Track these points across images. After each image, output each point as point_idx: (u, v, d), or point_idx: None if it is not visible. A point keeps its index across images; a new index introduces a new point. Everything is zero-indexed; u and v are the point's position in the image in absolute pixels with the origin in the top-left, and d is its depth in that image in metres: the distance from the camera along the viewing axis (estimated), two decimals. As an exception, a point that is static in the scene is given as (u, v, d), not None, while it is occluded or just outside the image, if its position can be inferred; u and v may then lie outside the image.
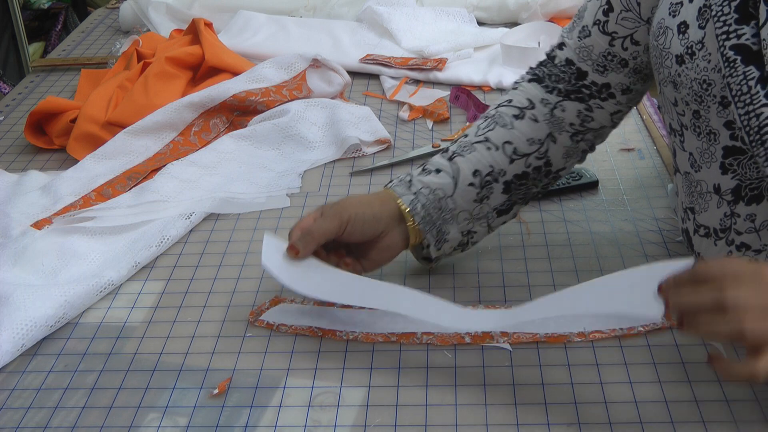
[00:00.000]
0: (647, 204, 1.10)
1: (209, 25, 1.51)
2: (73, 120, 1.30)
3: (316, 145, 1.27)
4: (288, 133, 1.27)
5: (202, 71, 1.44)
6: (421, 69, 1.50)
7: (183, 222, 1.08)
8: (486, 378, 0.82)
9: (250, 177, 1.19)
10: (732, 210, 0.84)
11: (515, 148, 0.93)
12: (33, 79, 1.61)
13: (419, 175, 0.94)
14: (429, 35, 1.64)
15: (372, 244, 0.91)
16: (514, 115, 0.94)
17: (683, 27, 0.83)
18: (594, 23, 0.93)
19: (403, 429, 0.77)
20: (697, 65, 0.81)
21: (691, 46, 0.81)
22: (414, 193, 0.92)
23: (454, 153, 0.94)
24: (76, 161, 1.25)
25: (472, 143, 0.94)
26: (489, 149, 0.93)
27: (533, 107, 0.95)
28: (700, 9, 0.81)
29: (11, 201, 1.14)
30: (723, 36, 0.79)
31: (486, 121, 0.95)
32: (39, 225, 1.08)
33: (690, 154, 0.86)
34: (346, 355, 0.86)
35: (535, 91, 0.96)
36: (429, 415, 0.78)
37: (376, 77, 1.52)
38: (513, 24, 1.69)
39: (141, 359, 0.87)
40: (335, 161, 1.24)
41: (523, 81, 0.99)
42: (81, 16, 3.15)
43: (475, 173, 0.92)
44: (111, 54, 1.69)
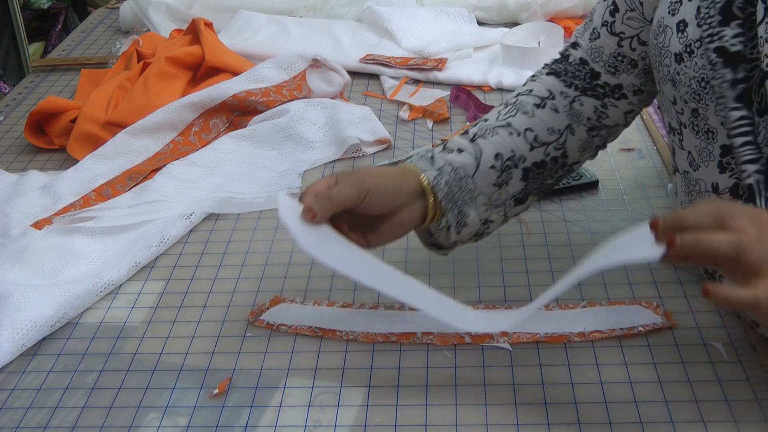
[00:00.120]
0: (647, 204, 1.10)
1: (209, 25, 1.51)
2: (73, 120, 1.30)
3: (316, 145, 1.27)
4: (288, 133, 1.27)
5: (202, 71, 1.44)
6: (421, 69, 1.50)
7: (183, 222, 1.08)
8: (486, 378, 0.82)
9: (250, 177, 1.19)
10: None
11: (536, 135, 0.92)
12: (33, 79, 1.61)
13: (441, 153, 0.91)
14: (429, 35, 1.64)
15: (385, 218, 0.85)
16: (535, 104, 0.94)
17: (682, 25, 0.83)
18: (602, 24, 0.94)
19: (403, 429, 0.77)
20: (696, 63, 0.81)
21: (690, 44, 0.82)
22: (437, 170, 0.88)
23: (475, 135, 0.92)
24: (76, 161, 1.25)
25: (493, 127, 0.93)
26: (511, 134, 0.92)
27: (554, 98, 0.95)
28: (698, 8, 0.81)
29: (11, 201, 1.14)
30: (707, 39, 0.80)
31: (507, 108, 0.95)
32: (39, 225, 1.08)
33: (689, 153, 0.87)
34: (346, 355, 0.86)
35: (555, 84, 0.96)
36: (429, 415, 0.78)
37: (376, 77, 1.52)
38: (513, 24, 1.69)
39: (141, 359, 0.87)
40: (335, 161, 1.24)
41: (541, 74, 0.99)
42: (81, 16, 3.16)
43: (497, 156, 0.91)
44: (111, 54, 1.69)
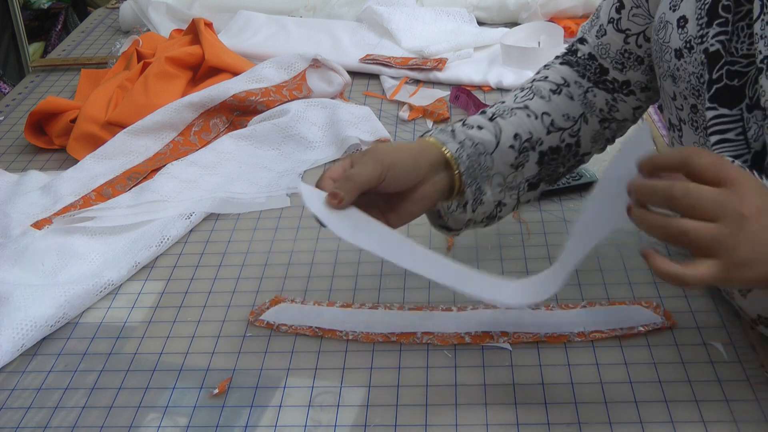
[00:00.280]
0: (647, 204, 1.10)
1: (209, 25, 1.51)
2: (73, 120, 1.30)
3: (316, 145, 1.27)
4: (288, 133, 1.27)
5: (202, 71, 1.44)
6: (421, 69, 1.50)
7: (183, 222, 1.08)
8: (486, 378, 0.82)
9: (250, 177, 1.19)
10: None
11: (552, 120, 0.92)
12: (33, 79, 1.61)
13: (462, 128, 0.90)
14: (429, 35, 1.64)
15: (405, 195, 0.82)
16: (551, 90, 0.94)
17: (682, 21, 0.83)
18: (608, 21, 0.95)
19: (403, 429, 0.77)
20: (695, 59, 0.82)
21: (690, 40, 0.82)
22: (459, 143, 0.87)
23: (494, 114, 0.92)
24: (76, 161, 1.25)
25: (511, 108, 0.92)
26: (528, 116, 0.92)
27: (569, 86, 0.95)
28: (695, 6, 0.82)
29: (11, 201, 1.14)
30: (698, 40, 0.80)
31: (524, 92, 0.95)
32: (39, 225, 1.08)
33: None
34: (346, 355, 0.86)
35: (569, 73, 0.96)
36: (429, 415, 0.78)
37: (376, 77, 1.52)
38: (513, 24, 1.69)
39: (141, 359, 0.87)
40: (335, 161, 1.24)
41: (554, 64, 0.99)
42: (81, 16, 3.16)
43: (516, 136, 0.90)
44: (111, 54, 1.69)
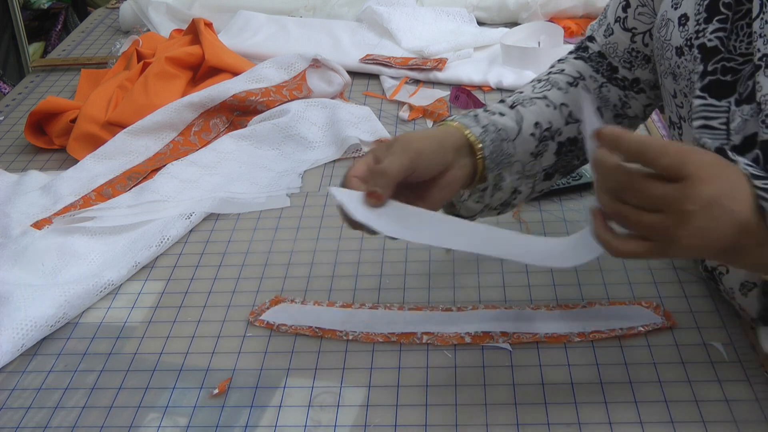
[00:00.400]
0: (647, 204, 1.10)
1: (209, 25, 1.51)
2: (73, 120, 1.30)
3: (316, 145, 1.27)
4: (288, 133, 1.27)
5: (202, 71, 1.44)
6: (421, 69, 1.50)
7: (183, 222, 1.08)
8: (486, 378, 0.82)
9: (250, 177, 1.19)
10: None
11: (570, 111, 0.92)
12: (33, 79, 1.61)
13: (485, 113, 0.89)
14: (429, 35, 1.64)
15: (433, 182, 0.81)
16: (568, 82, 0.94)
17: (683, 19, 0.83)
18: (615, 20, 0.95)
19: (403, 429, 0.77)
20: (695, 57, 0.82)
21: (690, 38, 0.82)
22: (482, 127, 0.86)
23: (514, 102, 0.92)
24: (76, 161, 1.25)
25: (531, 98, 0.92)
26: (548, 106, 0.91)
27: (584, 79, 0.95)
28: (695, 4, 0.82)
29: (11, 201, 1.14)
30: (694, 35, 0.81)
31: (541, 83, 0.95)
32: (39, 225, 1.08)
33: None
34: (346, 355, 0.86)
35: (584, 67, 0.97)
36: (429, 415, 0.78)
37: (376, 77, 1.52)
38: (513, 24, 1.69)
39: (141, 359, 0.87)
40: (335, 161, 1.24)
41: (569, 58, 0.99)
42: (81, 16, 3.16)
43: (536, 125, 0.90)
44: (111, 54, 1.69)
